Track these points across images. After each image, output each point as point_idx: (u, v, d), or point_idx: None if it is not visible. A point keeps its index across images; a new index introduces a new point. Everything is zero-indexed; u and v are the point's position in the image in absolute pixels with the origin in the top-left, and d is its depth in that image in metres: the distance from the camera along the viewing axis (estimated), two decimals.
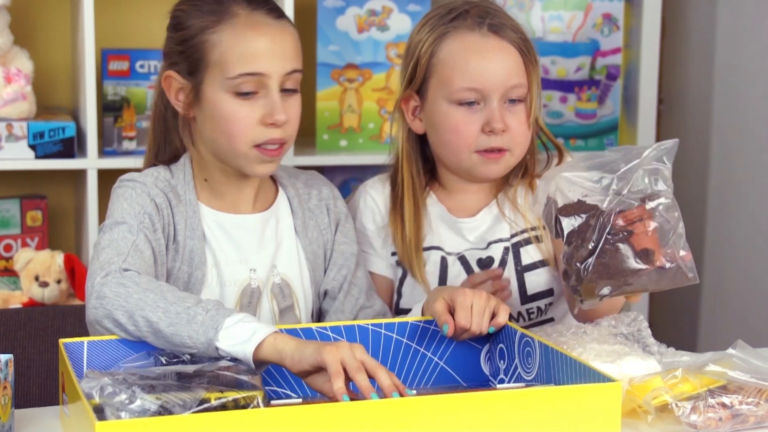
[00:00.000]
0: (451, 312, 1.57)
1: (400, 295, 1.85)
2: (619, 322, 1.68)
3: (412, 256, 1.82)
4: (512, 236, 1.84)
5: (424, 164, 1.88)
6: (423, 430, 1.29)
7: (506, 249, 1.83)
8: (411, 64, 1.83)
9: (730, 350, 1.53)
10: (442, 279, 1.83)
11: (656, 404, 1.44)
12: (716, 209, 2.88)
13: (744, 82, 2.76)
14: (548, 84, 2.75)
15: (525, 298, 1.83)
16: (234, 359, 1.41)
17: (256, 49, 1.61)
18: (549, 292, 1.84)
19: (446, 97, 1.79)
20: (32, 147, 2.44)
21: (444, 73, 1.79)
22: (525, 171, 1.87)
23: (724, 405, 1.44)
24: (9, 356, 1.41)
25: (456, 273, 1.83)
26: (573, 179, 1.55)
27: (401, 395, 1.33)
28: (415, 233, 1.83)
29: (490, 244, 1.84)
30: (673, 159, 1.59)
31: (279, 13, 1.67)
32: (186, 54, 1.64)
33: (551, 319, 1.86)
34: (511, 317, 1.66)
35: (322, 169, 2.67)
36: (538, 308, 1.83)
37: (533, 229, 1.84)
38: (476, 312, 1.56)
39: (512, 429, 1.31)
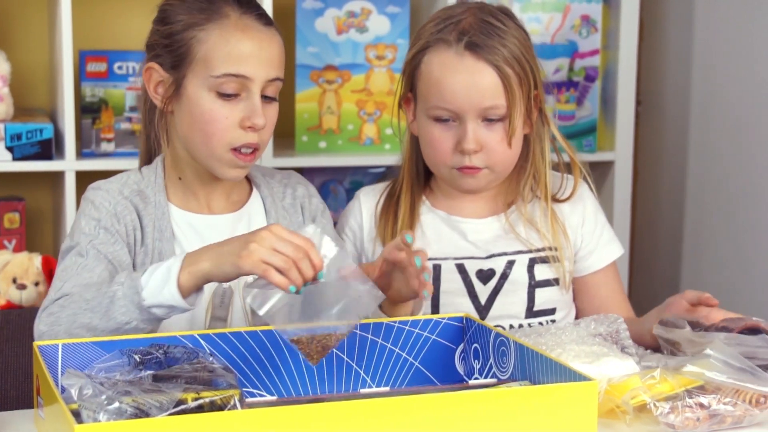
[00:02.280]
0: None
1: None
2: (598, 323, 1.68)
3: None
4: (528, 252, 1.84)
5: (425, 168, 1.87)
6: (398, 429, 1.28)
7: (510, 263, 1.83)
8: (403, 68, 1.83)
9: (708, 351, 1.53)
10: (435, 287, 1.82)
11: (634, 404, 1.44)
12: (694, 209, 2.89)
13: (722, 82, 2.77)
14: None
15: (531, 312, 1.84)
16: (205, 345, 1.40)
17: (242, 51, 1.62)
18: (553, 311, 1.86)
19: (424, 112, 1.79)
20: (9, 149, 2.43)
21: (423, 87, 1.79)
22: (535, 180, 1.85)
23: (701, 405, 1.44)
24: None
25: (451, 280, 1.82)
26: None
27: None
28: (392, 238, 1.84)
29: (492, 255, 1.83)
30: None
31: (268, 20, 1.68)
32: (171, 48, 1.65)
33: None
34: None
35: (301, 171, 2.67)
36: (540, 323, 1.84)
37: (551, 248, 1.84)
38: None
39: (487, 428, 1.31)
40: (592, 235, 1.88)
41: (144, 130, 1.76)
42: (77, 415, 1.26)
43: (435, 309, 1.83)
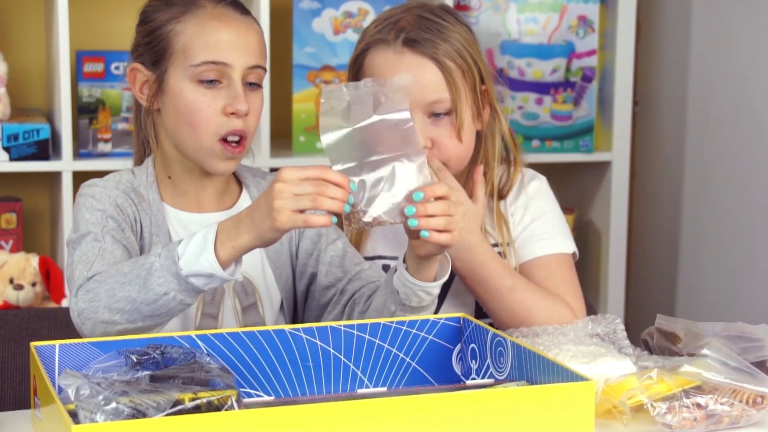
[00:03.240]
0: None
1: None
2: (596, 323, 1.68)
3: None
4: None
5: None
6: (395, 430, 1.28)
7: None
8: (348, 70, 1.83)
9: (705, 351, 1.53)
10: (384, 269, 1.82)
11: (631, 404, 1.44)
12: (691, 210, 2.89)
13: (718, 83, 2.77)
14: (524, 86, 2.76)
15: (481, 312, 1.83)
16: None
17: (219, 39, 1.64)
18: None
19: None
20: (6, 149, 2.43)
21: None
22: (485, 176, 1.83)
23: (699, 405, 1.45)
24: None
25: None
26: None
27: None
28: (357, 243, 1.83)
29: None
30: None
31: (244, 10, 1.69)
32: (151, 45, 1.67)
33: None
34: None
35: None
36: (491, 324, 1.82)
37: (496, 245, 1.82)
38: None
39: (485, 429, 1.31)
40: (527, 225, 1.84)
41: (135, 132, 1.77)
42: (74, 416, 1.26)
43: None
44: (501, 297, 1.75)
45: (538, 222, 1.84)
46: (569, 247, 1.85)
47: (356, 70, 1.80)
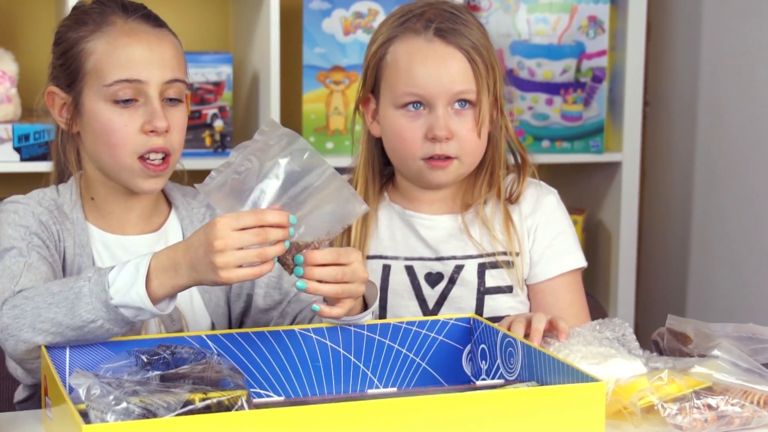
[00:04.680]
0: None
1: None
2: (604, 326, 1.68)
3: None
4: (479, 256, 1.80)
5: (383, 168, 1.86)
6: (405, 430, 1.28)
7: (458, 267, 1.80)
8: (365, 66, 1.82)
9: (716, 352, 1.53)
10: (384, 288, 1.81)
11: (642, 405, 1.44)
12: (701, 211, 2.88)
13: (729, 83, 2.77)
14: (534, 86, 2.76)
15: None
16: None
17: (131, 55, 1.59)
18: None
19: (392, 102, 1.77)
20: (17, 149, 2.44)
21: (390, 77, 1.77)
22: (491, 179, 1.83)
23: (709, 406, 1.44)
24: None
25: (399, 282, 1.80)
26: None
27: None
28: (362, 241, 1.81)
29: (441, 258, 1.81)
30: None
31: (158, 22, 1.65)
32: (64, 66, 1.63)
33: None
34: None
35: None
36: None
37: (502, 254, 1.81)
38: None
39: (495, 429, 1.31)
40: (542, 241, 1.84)
41: (54, 154, 1.72)
42: (85, 416, 1.26)
43: (383, 310, 1.80)
44: None
45: (561, 237, 1.85)
46: (583, 260, 1.88)
47: (378, 60, 1.78)
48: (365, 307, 1.56)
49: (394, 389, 1.58)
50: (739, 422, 1.46)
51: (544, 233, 1.84)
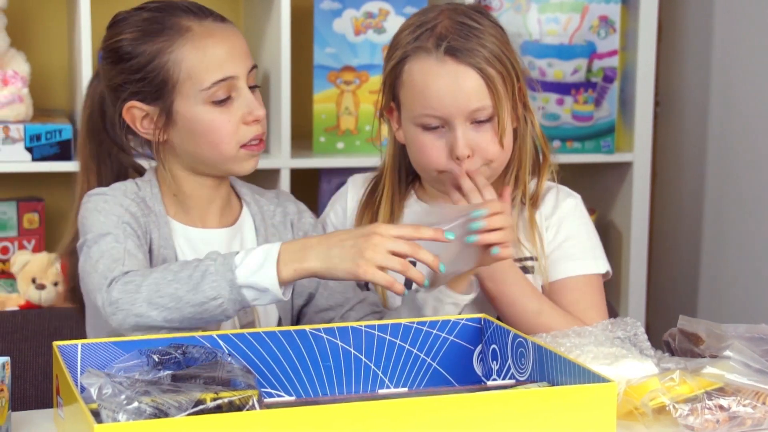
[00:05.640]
0: None
1: None
2: (616, 326, 1.67)
3: None
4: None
5: (410, 170, 1.85)
6: (416, 430, 1.28)
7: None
8: (383, 80, 1.81)
9: (728, 352, 1.53)
10: (408, 286, 1.79)
11: (653, 406, 1.44)
12: (713, 211, 2.88)
13: (740, 83, 2.76)
14: (545, 86, 2.76)
15: None
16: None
17: (220, 55, 1.63)
18: None
19: (411, 120, 1.77)
20: (29, 149, 2.44)
21: (407, 97, 1.77)
22: (517, 180, 1.82)
23: (721, 407, 1.44)
24: (6, 359, 1.40)
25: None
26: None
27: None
28: None
29: None
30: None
31: (223, 17, 1.69)
32: (147, 80, 1.63)
33: None
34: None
35: (319, 172, 2.67)
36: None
37: (528, 259, 1.81)
38: None
39: (506, 430, 1.31)
40: (560, 243, 1.82)
41: (84, 155, 1.74)
42: (97, 415, 1.26)
43: None
44: (527, 320, 1.74)
45: (571, 241, 1.83)
46: (601, 267, 1.84)
47: (394, 78, 1.78)
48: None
49: (405, 389, 1.58)
50: (751, 423, 1.45)
51: (555, 235, 1.83)
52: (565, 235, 1.83)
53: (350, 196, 1.90)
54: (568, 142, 2.78)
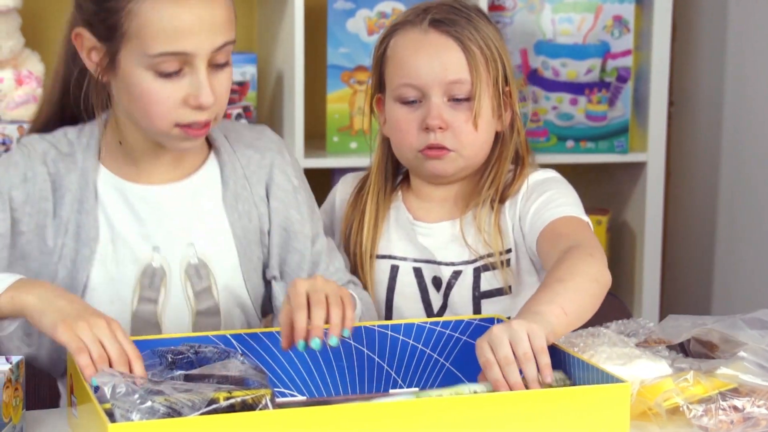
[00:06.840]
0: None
1: None
2: (629, 327, 1.67)
3: (366, 263, 1.77)
4: (473, 261, 1.76)
5: (397, 168, 1.84)
6: (428, 430, 1.28)
7: (456, 273, 1.77)
8: (372, 64, 1.81)
9: (742, 353, 1.52)
10: (391, 287, 1.79)
11: (667, 407, 1.43)
12: (727, 211, 2.87)
13: (755, 83, 2.75)
14: (558, 86, 2.75)
15: None
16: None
17: (178, 25, 1.43)
18: None
19: (392, 96, 1.75)
20: None
21: (390, 71, 1.76)
22: (494, 180, 1.78)
23: (735, 408, 1.44)
24: (20, 358, 1.41)
25: (407, 282, 1.78)
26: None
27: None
28: (372, 241, 1.79)
29: (440, 263, 1.77)
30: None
31: None
32: (101, 16, 1.46)
33: None
34: None
35: (332, 171, 2.67)
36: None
37: (501, 253, 1.75)
38: None
39: (519, 430, 1.31)
40: (536, 200, 1.73)
41: (49, 94, 1.59)
42: (110, 415, 1.26)
43: (388, 312, 1.79)
44: (590, 301, 1.55)
45: (548, 194, 1.74)
46: (585, 217, 1.73)
47: (380, 56, 1.78)
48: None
49: (418, 389, 1.58)
50: (766, 424, 1.45)
51: (534, 201, 1.74)
52: (539, 192, 1.75)
53: (338, 195, 1.88)
54: (581, 142, 2.77)
